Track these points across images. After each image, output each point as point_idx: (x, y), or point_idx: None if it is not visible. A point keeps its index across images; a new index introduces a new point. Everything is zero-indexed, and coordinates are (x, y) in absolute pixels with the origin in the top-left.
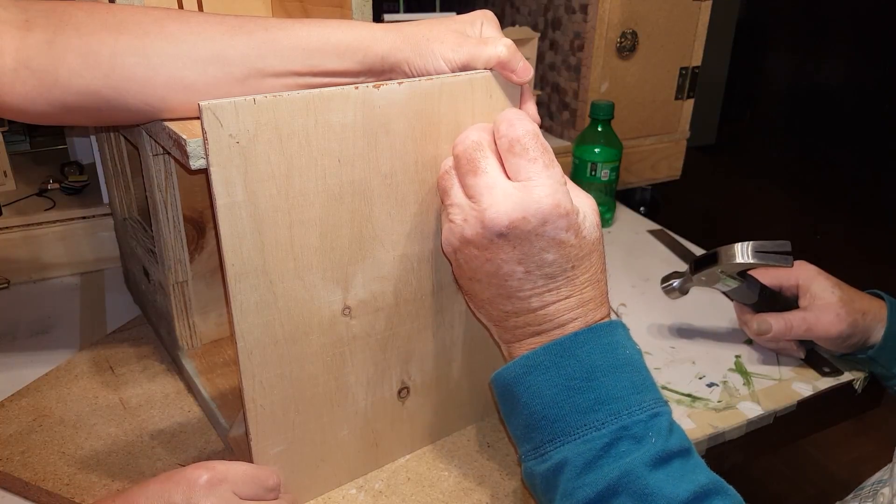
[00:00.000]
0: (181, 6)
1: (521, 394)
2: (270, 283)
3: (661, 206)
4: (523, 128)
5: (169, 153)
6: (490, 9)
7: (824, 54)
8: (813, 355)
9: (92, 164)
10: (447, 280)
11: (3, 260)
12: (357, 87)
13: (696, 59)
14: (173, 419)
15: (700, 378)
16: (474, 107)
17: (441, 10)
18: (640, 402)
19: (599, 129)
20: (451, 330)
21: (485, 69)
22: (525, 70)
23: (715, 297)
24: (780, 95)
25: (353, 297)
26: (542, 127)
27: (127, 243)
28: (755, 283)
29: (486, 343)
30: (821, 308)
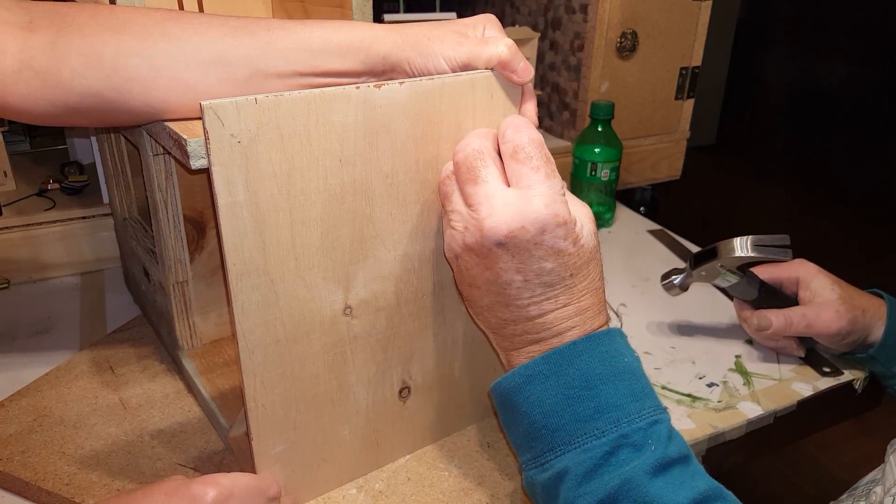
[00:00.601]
0: (182, 7)
1: (521, 403)
2: (272, 282)
3: (661, 206)
4: (529, 136)
5: (169, 153)
6: (490, 9)
7: (824, 54)
8: (813, 355)
9: (92, 164)
10: (448, 280)
11: (3, 260)
12: (358, 87)
13: (696, 59)
14: (173, 419)
15: (700, 378)
16: (475, 106)
17: (441, 10)
18: (639, 410)
19: (599, 129)
20: (453, 330)
21: (486, 69)
22: (526, 70)
23: (715, 298)
24: (780, 95)
25: (354, 296)
26: (541, 127)
27: (127, 243)
28: (755, 279)
29: (487, 343)
30: (821, 305)
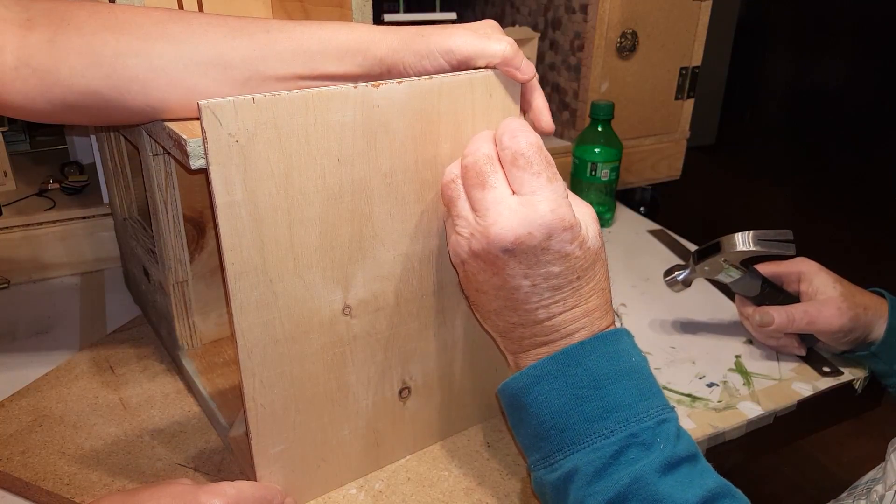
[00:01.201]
0: (181, 7)
1: (530, 404)
2: (270, 281)
3: (661, 206)
4: (526, 140)
5: (169, 153)
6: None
7: (824, 54)
8: (813, 355)
9: (92, 164)
10: (448, 280)
11: (3, 260)
12: (356, 87)
13: (696, 59)
14: (173, 419)
15: (700, 378)
16: (474, 106)
17: (441, 11)
18: (647, 409)
19: (599, 129)
20: (453, 330)
21: (486, 67)
22: (528, 67)
23: (715, 297)
24: (780, 95)
25: (353, 296)
26: None
27: (127, 243)
28: (757, 274)
29: (488, 344)
30: (823, 302)
